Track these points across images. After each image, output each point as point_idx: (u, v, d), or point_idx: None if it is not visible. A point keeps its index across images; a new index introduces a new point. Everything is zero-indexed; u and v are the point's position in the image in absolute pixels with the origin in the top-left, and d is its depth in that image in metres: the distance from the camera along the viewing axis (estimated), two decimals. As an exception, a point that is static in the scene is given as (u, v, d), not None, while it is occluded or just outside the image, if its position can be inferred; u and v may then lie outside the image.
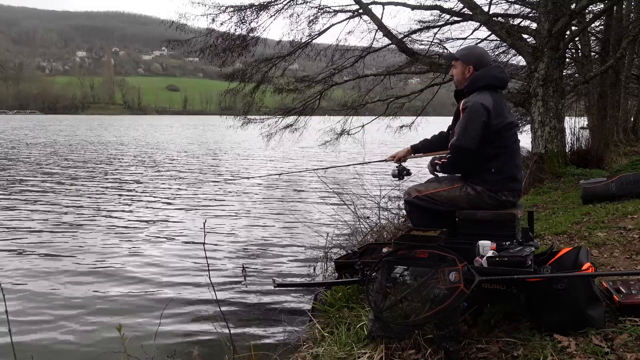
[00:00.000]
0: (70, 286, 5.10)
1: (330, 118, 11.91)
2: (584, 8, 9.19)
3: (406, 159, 3.44)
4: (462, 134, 2.79)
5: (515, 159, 2.92)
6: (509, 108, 3.16)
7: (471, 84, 2.93)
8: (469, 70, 2.97)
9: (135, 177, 14.19)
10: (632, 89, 17.82)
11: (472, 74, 2.95)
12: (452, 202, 2.91)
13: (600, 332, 2.13)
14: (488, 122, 2.76)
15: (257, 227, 7.89)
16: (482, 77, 2.91)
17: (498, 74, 2.96)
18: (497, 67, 3.05)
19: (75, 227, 7.72)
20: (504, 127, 2.83)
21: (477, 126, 2.75)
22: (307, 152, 21.95)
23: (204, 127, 59.26)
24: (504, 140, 2.84)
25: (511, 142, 2.89)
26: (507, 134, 2.86)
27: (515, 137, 2.95)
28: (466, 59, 2.99)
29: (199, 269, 5.49)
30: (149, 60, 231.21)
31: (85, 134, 38.95)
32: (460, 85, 3.03)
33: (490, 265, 2.37)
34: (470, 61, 2.97)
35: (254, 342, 3.38)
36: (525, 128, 15.33)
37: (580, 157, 9.31)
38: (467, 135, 2.77)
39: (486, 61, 3.00)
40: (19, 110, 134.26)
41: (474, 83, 2.92)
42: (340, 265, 3.52)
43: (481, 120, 2.75)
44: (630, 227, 4.21)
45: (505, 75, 3.04)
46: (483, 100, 2.79)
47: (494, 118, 2.77)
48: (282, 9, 9.95)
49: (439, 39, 11.07)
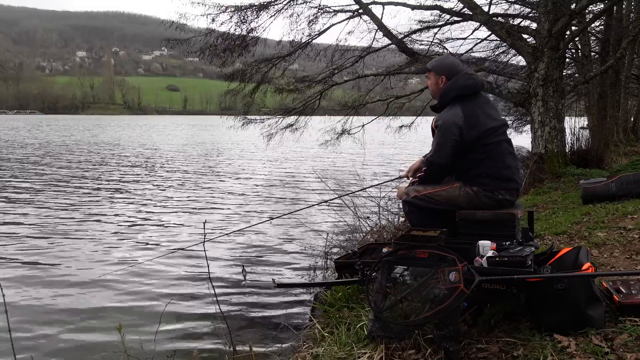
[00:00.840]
0: (70, 286, 5.10)
1: (331, 118, 11.92)
2: (584, 8, 9.18)
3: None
4: (435, 150, 2.92)
5: (505, 160, 2.90)
6: (496, 107, 3.15)
7: (441, 98, 3.00)
8: (442, 81, 3.01)
9: (136, 177, 14.20)
10: (632, 89, 17.82)
11: (445, 84, 2.99)
12: (452, 201, 2.92)
13: (600, 332, 2.13)
14: (460, 137, 2.82)
15: (257, 227, 7.89)
16: (451, 89, 2.94)
17: (465, 82, 2.94)
18: (464, 75, 3.00)
19: (75, 227, 7.71)
20: (483, 135, 2.84)
21: (449, 144, 2.85)
22: (307, 152, 21.96)
23: (203, 127, 59.26)
24: (486, 147, 2.86)
25: (495, 146, 2.88)
26: (488, 140, 2.86)
27: (500, 139, 2.91)
28: (438, 70, 3.04)
29: (199, 269, 5.49)
30: (149, 60, 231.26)
31: (82, 134, 38.95)
32: (436, 96, 3.08)
33: (490, 265, 2.37)
34: (442, 72, 3.01)
35: (254, 342, 3.38)
36: (525, 128, 15.38)
37: (580, 157, 9.31)
38: (440, 152, 2.89)
39: (457, 70, 3.00)
40: (19, 110, 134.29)
41: (443, 97, 2.98)
42: (340, 265, 3.51)
43: (452, 138, 2.83)
44: (630, 227, 4.20)
45: (474, 80, 2.98)
46: (453, 116, 2.84)
47: (467, 131, 2.81)
48: (282, 9, 9.95)
49: (439, 39, 11.07)
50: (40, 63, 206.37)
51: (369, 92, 11.57)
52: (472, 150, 2.86)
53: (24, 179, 13.25)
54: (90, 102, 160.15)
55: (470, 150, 2.86)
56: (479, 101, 2.95)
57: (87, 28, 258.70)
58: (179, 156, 21.39)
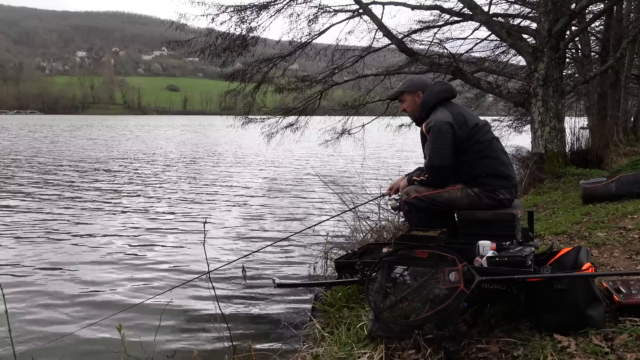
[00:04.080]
0: (70, 287, 5.11)
1: (331, 118, 11.93)
2: (584, 8, 9.18)
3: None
4: (432, 153, 2.91)
5: (500, 157, 2.97)
6: (470, 111, 3.23)
7: (424, 107, 3.07)
8: (418, 97, 3.12)
9: (136, 176, 14.20)
10: (632, 89, 17.79)
11: (422, 97, 3.09)
12: (453, 203, 2.93)
13: (600, 332, 2.13)
14: (454, 134, 2.86)
15: (257, 227, 7.90)
16: (430, 97, 3.06)
17: (441, 87, 3.11)
18: (436, 83, 3.23)
19: (74, 227, 7.72)
20: (472, 132, 2.90)
21: (445, 142, 2.87)
22: (307, 153, 21.96)
23: (201, 128, 59.23)
24: (479, 144, 2.91)
25: (487, 144, 2.94)
26: (480, 137, 2.92)
27: (489, 137, 2.99)
28: (412, 89, 3.15)
29: (198, 269, 5.49)
30: (149, 60, 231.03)
31: (84, 134, 38.89)
32: (415, 114, 3.16)
33: (490, 265, 2.37)
34: (416, 88, 3.13)
35: (254, 342, 3.38)
36: (525, 128, 15.37)
37: (580, 157, 9.31)
38: (437, 153, 2.89)
39: (427, 83, 3.17)
40: (19, 110, 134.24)
41: (425, 105, 3.06)
42: (340, 265, 3.51)
43: (448, 137, 2.86)
44: (630, 227, 4.20)
45: (448, 85, 3.18)
46: (442, 116, 2.91)
47: (459, 128, 2.88)
48: (282, 8, 9.95)
49: (439, 39, 11.08)
50: (40, 63, 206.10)
51: (369, 92, 11.57)
52: (467, 150, 2.89)
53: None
54: (90, 102, 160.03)
55: (465, 151, 2.89)
56: (456, 105, 3.08)
57: (87, 28, 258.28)
58: (176, 155, 21.41)
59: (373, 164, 15.63)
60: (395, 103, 11.40)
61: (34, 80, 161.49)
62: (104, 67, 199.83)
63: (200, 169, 16.49)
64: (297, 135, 11.54)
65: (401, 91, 3.19)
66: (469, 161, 2.90)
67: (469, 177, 2.91)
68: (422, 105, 3.08)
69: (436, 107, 3.00)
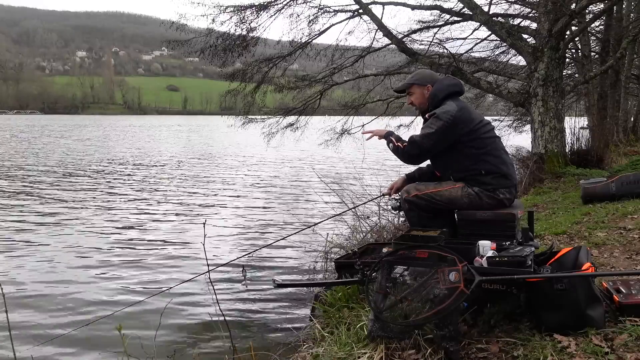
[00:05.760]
0: (70, 287, 5.11)
1: (331, 118, 11.93)
2: (584, 8, 9.17)
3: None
4: (423, 134, 2.95)
5: (501, 155, 2.98)
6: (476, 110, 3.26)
7: (432, 100, 3.07)
8: (427, 89, 3.11)
9: (136, 176, 14.20)
10: (632, 89, 17.79)
11: (432, 89, 3.09)
12: (453, 202, 2.93)
13: (600, 332, 2.12)
14: (452, 127, 2.87)
15: (257, 227, 7.89)
16: (440, 90, 3.05)
17: (450, 81, 3.13)
18: (446, 78, 3.24)
19: (73, 227, 7.72)
20: (477, 126, 2.93)
21: (438, 129, 2.88)
22: (307, 153, 21.95)
23: (194, 130, 59.24)
24: (481, 140, 2.93)
25: (491, 141, 2.97)
26: (482, 131, 2.95)
27: (491, 133, 3.01)
28: (421, 81, 3.13)
29: (198, 269, 5.49)
30: (149, 60, 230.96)
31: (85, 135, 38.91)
32: (423, 107, 3.15)
33: (490, 265, 2.37)
34: (426, 81, 3.12)
35: (254, 342, 3.38)
36: (525, 128, 15.37)
37: (580, 157, 9.30)
38: (427, 137, 2.92)
39: (437, 77, 3.17)
40: (19, 111, 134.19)
41: (434, 98, 3.06)
42: (340, 265, 3.50)
43: (443, 124, 2.88)
44: (630, 227, 4.20)
45: (458, 80, 3.19)
46: (448, 107, 2.93)
47: (461, 122, 2.89)
48: (282, 8, 9.93)
49: (439, 39, 11.07)
50: (40, 63, 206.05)
51: (369, 92, 11.57)
52: (469, 144, 2.89)
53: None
54: (90, 102, 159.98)
55: (467, 146, 2.89)
56: (463, 101, 3.09)
57: (87, 28, 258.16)
58: (176, 155, 21.41)
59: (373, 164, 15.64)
60: (395, 103, 11.48)
61: (34, 80, 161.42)
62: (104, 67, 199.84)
63: (200, 169, 16.49)
64: (297, 135, 11.54)
65: (410, 83, 3.17)
66: (470, 157, 2.90)
67: (469, 173, 2.90)
68: (430, 98, 3.07)
69: (444, 100, 3.00)
